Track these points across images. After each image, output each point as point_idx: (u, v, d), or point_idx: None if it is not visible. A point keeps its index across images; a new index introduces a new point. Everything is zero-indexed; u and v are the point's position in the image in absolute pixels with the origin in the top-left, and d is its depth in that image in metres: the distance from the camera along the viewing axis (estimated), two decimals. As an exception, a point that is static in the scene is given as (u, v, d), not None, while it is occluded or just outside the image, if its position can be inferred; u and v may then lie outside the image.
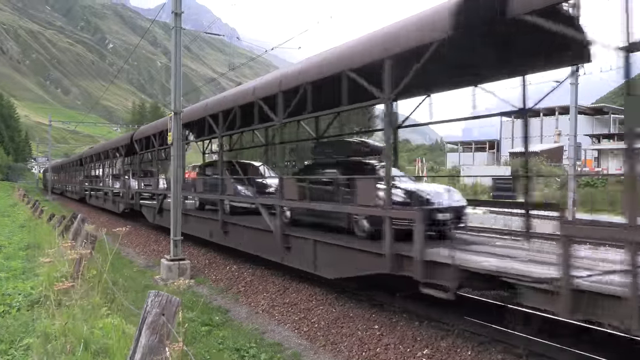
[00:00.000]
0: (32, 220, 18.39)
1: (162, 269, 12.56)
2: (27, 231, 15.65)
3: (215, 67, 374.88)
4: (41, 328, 5.07)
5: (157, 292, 3.12)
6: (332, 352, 7.29)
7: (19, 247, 12.06)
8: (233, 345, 7.27)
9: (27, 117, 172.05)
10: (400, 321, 7.76)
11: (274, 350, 7.28)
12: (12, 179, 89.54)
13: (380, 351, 6.98)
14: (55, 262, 6.97)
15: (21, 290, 7.24)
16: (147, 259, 15.78)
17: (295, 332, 8.19)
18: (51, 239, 10.36)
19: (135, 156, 24.18)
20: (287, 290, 10.26)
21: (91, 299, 5.59)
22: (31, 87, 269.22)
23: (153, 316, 3.04)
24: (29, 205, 25.27)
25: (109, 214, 27.85)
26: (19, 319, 5.83)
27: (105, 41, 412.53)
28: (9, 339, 5.13)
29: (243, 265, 12.68)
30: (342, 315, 8.42)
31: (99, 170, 34.16)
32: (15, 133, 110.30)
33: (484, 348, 6.45)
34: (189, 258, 13.21)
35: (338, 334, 7.80)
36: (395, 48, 6.93)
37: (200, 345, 7.13)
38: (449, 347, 6.66)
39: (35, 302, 6.41)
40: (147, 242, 18.58)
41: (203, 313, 8.84)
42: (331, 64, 8.41)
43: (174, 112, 12.66)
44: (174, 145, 12.73)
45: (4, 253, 11.16)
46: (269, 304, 9.70)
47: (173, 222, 12.61)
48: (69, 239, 8.45)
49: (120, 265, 13.58)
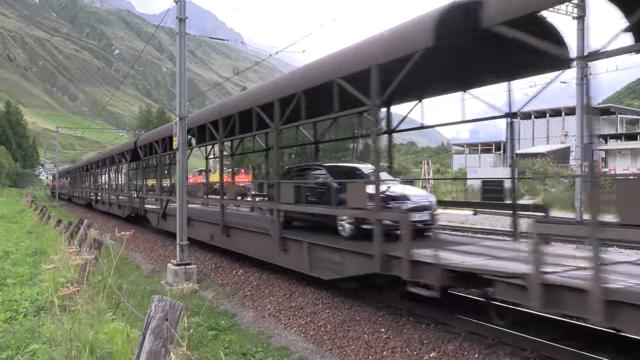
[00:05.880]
0: (40, 226, 18.50)
1: (168, 273, 12.58)
2: (35, 237, 15.73)
3: (220, 72, 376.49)
4: (47, 334, 5.07)
5: (160, 297, 3.11)
6: (338, 355, 7.26)
7: (27, 253, 12.11)
8: (239, 349, 7.25)
9: (35, 124, 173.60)
10: (407, 324, 7.71)
11: (281, 354, 7.25)
12: (20, 186, 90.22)
13: (387, 354, 6.94)
14: (61, 268, 6.99)
15: (28, 296, 7.26)
16: (153, 263, 15.81)
17: (302, 336, 8.16)
18: (58, 245, 10.41)
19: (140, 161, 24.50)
20: (293, 294, 10.24)
21: (96, 304, 5.59)
22: (38, 94, 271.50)
23: (157, 321, 3.03)
24: (37, 212, 25.41)
25: (115, 220, 27.94)
26: (25, 324, 5.84)
27: (111, 47, 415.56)
28: (15, 344, 5.13)
29: (249, 269, 12.68)
30: (349, 318, 8.38)
31: (105, 176, 34.77)
32: (23, 140, 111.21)
33: (491, 351, 6.40)
34: (195, 262, 13.23)
35: (344, 337, 7.77)
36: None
37: (206, 350, 7.13)
38: (456, 350, 6.61)
39: (41, 308, 6.42)
40: (154, 247, 18.62)
41: (209, 317, 8.84)
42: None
43: (179, 117, 12.71)
44: (178, 149, 12.77)
45: (11, 259, 11.22)
46: (275, 308, 9.68)
47: (179, 227, 12.63)
48: (74, 245, 8.47)
49: (127, 270, 13.61)
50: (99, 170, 36.15)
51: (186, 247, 12.62)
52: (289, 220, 10.85)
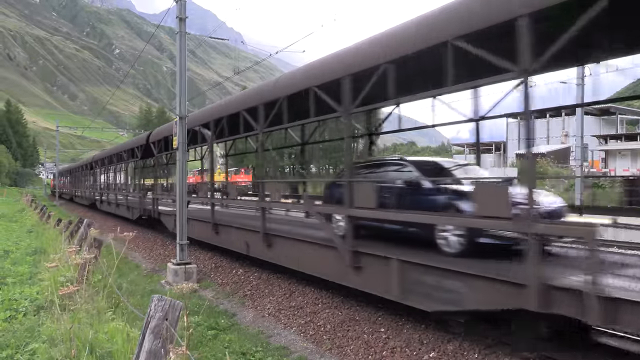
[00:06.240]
0: (40, 226, 18.50)
1: (168, 273, 12.59)
2: (35, 236, 15.74)
3: (220, 71, 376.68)
4: (47, 333, 5.07)
5: (160, 296, 3.11)
6: (338, 355, 7.26)
7: (26, 252, 12.11)
8: (239, 349, 7.26)
9: (35, 123, 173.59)
10: (407, 324, 7.72)
11: (280, 353, 7.26)
12: (20, 185, 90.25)
13: (387, 354, 6.95)
14: (60, 267, 6.99)
15: (27, 295, 7.27)
16: (153, 263, 15.82)
17: (301, 336, 8.16)
18: (58, 244, 10.41)
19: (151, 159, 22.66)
20: (293, 293, 10.24)
21: (96, 303, 5.59)
22: (38, 93, 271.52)
23: (156, 320, 3.03)
24: (37, 211, 25.41)
25: (118, 219, 27.72)
26: (25, 323, 5.84)
27: (112, 47, 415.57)
28: (15, 344, 5.13)
29: (249, 269, 12.68)
30: (348, 318, 8.39)
31: (112, 175, 32.81)
32: (23, 139, 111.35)
33: (491, 351, 6.40)
34: (195, 262, 13.23)
35: (344, 337, 7.77)
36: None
37: (206, 350, 7.13)
38: (456, 350, 6.61)
39: (41, 307, 6.42)
40: (154, 246, 18.63)
41: (209, 317, 8.85)
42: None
43: (179, 117, 12.73)
44: (178, 149, 12.79)
45: (11, 258, 11.22)
46: (275, 308, 9.68)
47: (179, 226, 12.64)
48: (74, 244, 8.47)
49: (127, 269, 13.63)
50: (105, 168, 33.48)
51: (186, 246, 12.63)
52: (356, 227, 8.08)
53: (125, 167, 28.19)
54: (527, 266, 5.13)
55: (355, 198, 7.71)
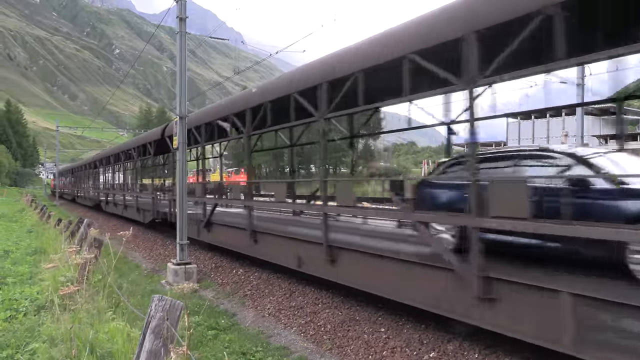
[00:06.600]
0: (40, 225, 18.51)
1: (168, 273, 12.59)
2: (35, 236, 15.74)
3: (220, 71, 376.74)
4: (47, 333, 5.08)
5: (160, 296, 3.11)
6: (338, 355, 7.26)
7: (27, 252, 12.12)
8: (239, 349, 7.26)
9: (35, 123, 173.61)
10: (407, 324, 7.71)
11: (280, 353, 7.26)
12: (20, 185, 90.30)
13: (387, 354, 6.95)
14: (61, 267, 6.99)
15: (28, 295, 7.28)
16: (153, 263, 15.81)
17: (302, 336, 8.16)
18: (58, 244, 10.42)
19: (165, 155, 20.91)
20: (293, 293, 10.24)
21: (96, 303, 5.60)
22: (39, 93, 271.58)
23: (157, 320, 3.03)
24: (37, 211, 25.42)
25: (124, 221, 26.92)
26: (25, 323, 5.84)
27: (112, 47, 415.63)
28: (15, 343, 5.13)
29: (249, 269, 12.68)
30: (349, 318, 8.39)
31: (119, 174, 30.85)
32: (23, 139, 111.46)
33: (491, 351, 6.40)
34: (195, 262, 13.23)
35: (344, 337, 7.77)
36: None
37: (206, 350, 7.14)
38: (456, 350, 6.61)
39: (41, 307, 6.43)
40: (154, 246, 18.62)
41: (209, 317, 8.85)
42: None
43: (179, 117, 12.73)
44: (178, 149, 12.79)
45: (11, 258, 11.23)
46: (275, 308, 9.68)
47: (179, 226, 12.64)
48: (74, 244, 8.48)
49: (127, 269, 13.63)
50: (111, 167, 31.02)
51: (186, 246, 12.63)
52: (463, 238, 6.21)
53: (134, 165, 25.32)
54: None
55: (492, 204, 5.50)
